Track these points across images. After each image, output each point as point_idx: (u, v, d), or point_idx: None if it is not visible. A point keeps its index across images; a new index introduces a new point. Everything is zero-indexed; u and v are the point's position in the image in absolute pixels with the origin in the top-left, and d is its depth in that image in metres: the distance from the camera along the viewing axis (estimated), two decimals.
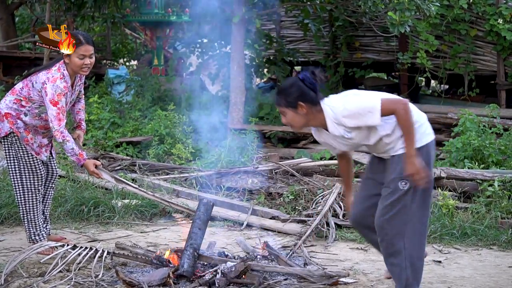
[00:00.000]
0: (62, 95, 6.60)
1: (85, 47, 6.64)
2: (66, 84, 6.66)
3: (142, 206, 8.94)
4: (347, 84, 18.60)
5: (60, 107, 6.58)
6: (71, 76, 6.75)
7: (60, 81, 6.65)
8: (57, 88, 6.61)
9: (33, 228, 6.94)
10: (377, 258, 7.18)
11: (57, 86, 6.62)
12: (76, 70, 6.69)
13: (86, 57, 6.65)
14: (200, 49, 17.00)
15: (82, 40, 6.65)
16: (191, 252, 6.16)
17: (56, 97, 6.59)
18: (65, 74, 6.69)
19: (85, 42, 6.65)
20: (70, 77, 6.73)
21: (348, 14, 15.22)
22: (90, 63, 6.69)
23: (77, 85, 6.94)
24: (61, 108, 6.59)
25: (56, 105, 6.58)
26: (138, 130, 13.12)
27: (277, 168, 10.36)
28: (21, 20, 26.96)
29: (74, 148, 6.61)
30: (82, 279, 6.07)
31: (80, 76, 6.95)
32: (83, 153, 6.67)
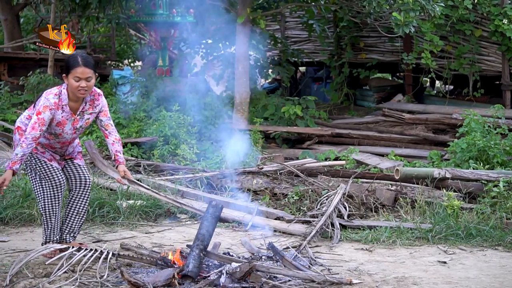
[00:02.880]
0: (48, 109, 6.52)
1: (82, 69, 6.53)
2: (57, 101, 6.58)
3: (147, 206, 8.94)
4: (351, 85, 18.62)
5: (40, 119, 6.49)
6: (71, 97, 6.66)
7: (53, 96, 6.61)
8: (46, 101, 6.57)
9: (47, 231, 6.93)
10: (382, 259, 7.19)
11: (48, 99, 6.58)
12: (73, 92, 6.58)
13: (82, 79, 6.53)
14: (204, 49, 17.01)
15: (79, 61, 6.55)
16: (197, 253, 6.16)
17: (42, 108, 6.54)
18: (63, 93, 6.62)
19: (82, 64, 6.54)
20: (70, 98, 6.65)
21: (352, 15, 15.21)
22: (86, 86, 6.56)
23: (85, 111, 6.80)
24: (41, 120, 6.49)
25: (38, 115, 6.52)
26: (143, 131, 13.13)
27: (282, 169, 10.36)
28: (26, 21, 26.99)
29: (17, 154, 6.47)
30: (87, 279, 6.07)
31: (92, 105, 6.83)
32: (15, 163, 6.45)
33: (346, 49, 18.41)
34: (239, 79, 14.34)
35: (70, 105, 6.65)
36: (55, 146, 6.83)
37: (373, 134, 14.54)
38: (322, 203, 8.81)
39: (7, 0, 21.81)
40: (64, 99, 6.60)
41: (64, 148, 6.93)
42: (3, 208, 8.35)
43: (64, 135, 6.75)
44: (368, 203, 9.19)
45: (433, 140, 13.89)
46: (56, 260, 6.24)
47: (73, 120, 6.71)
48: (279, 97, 16.42)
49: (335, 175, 10.35)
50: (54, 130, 6.68)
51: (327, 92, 19.35)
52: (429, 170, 9.87)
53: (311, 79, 21.15)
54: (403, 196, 9.18)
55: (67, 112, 6.64)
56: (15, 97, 16.30)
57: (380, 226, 8.23)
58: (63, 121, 6.65)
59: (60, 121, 6.63)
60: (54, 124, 6.63)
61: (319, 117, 15.59)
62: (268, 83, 22.38)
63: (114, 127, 7.01)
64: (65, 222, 7.07)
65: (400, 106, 16.22)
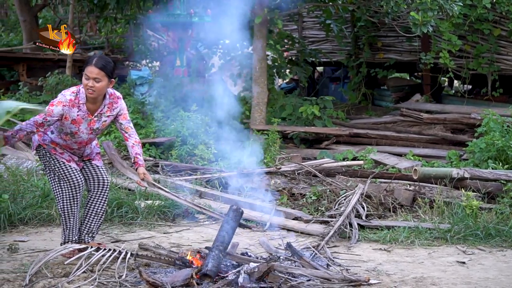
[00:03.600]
0: (61, 104, 6.54)
1: (91, 68, 6.54)
2: (74, 99, 6.61)
3: (165, 207, 8.96)
4: (369, 85, 18.58)
5: (49, 109, 6.52)
6: (89, 98, 6.67)
7: (70, 93, 6.64)
8: (62, 97, 6.62)
9: (66, 231, 6.96)
10: (400, 259, 7.17)
11: (64, 95, 6.63)
12: (84, 89, 6.63)
13: (90, 79, 6.55)
14: (222, 50, 17.02)
15: (92, 61, 6.58)
16: (217, 253, 6.17)
17: (56, 102, 6.58)
18: (81, 92, 6.65)
19: (93, 63, 6.55)
20: (87, 99, 6.67)
21: (370, 15, 15.17)
22: (94, 86, 6.55)
23: (103, 114, 6.81)
24: (49, 110, 6.51)
25: (50, 106, 6.55)
26: (161, 131, 13.16)
27: (300, 169, 10.36)
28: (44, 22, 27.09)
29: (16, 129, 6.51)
30: (105, 279, 6.09)
31: (110, 107, 6.84)
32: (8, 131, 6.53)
33: (364, 49, 18.37)
34: (256, 79, 14.34)
35: (87, 105, 6.67)
36: (73, 146, 6.85)
37: (391, 134, 14.49)
38: (340, 203, 8.80)
39: (26, 1, 21.92)
40: (81, 98, 6.63)
41: (81, 149, 6.95)
42: (22, 208, 8.39)
43: (80, 134, 6.76)
44: (386, 203, 9.17)
45: (451, 140, 13.83)
46: (75, 260, 6.27)
47: (89, 121, 6.73)
48: (297, 97, 16.40)
49: (353, 175, 10.34)
50: (70, 129, 6.69)
51: (345, 92, 19.32)
52: (448, 170, 9.83)
53: (329, 79, 21.12)
54: (421, 196, 9.16)
55: (84, 111, 6.66)
56: (34, 97, 16.38)
57: (398, 226, 8.22)
58: (78, 120, 6.66)
59: (75, 119, 6.64)
60: (69, 122, 6.64)
61: (337, 117, 15.57)
62: (286, 83, 22.37)
63: (134, 129, 7.03)
64: (83, 223, 7.10)
65: (418, 106, 16.17)
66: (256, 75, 14.33)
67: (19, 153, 11.62)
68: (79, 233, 7.06)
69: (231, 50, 16.88)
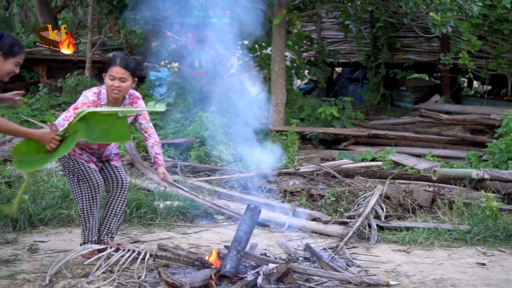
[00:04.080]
0: (85, 106, 6.52)
1: (116, 69, 6.56)
2: (96, 99, 6.63)
3: (184, 207, 8.97)
4: (388, 85, 18.54)
5: (72, 114, 6.44)
6: (110, 99, 6.69)
7: (92, 94, 6.66)
8: (84, 98, 6.63)
9: (86, 232, 6.98)
10: (419, 260, 7.14)
11: (86, 96, 6.64)
12: (108, 90, 6.63)
13: (116, 79, 6.56)
14: (240, 51, 17.04)
15: (116, 61, 6.61)
16: (235, 254, 6.17)
17: (79, 104, 6.58)
18: (102, 92, 6.67)
19: (118, 63, 6.58)
20: (109, 99, 6.69)
21: (389, 15, 15.14)
22: (119, 86, 6.58)
23: None
24: (73, 115, 6.44)
25: (74, 109, 6.50)
26: (180, 132, 13.18)
27: (318, 170, 10.34)
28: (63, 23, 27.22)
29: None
30: (125, 280, 6.10)
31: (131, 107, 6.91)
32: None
33: (383, 50, 18.34)
34: (275, 80, 14.35)
35: (108, 106, 6.69)
36: (93, 147, 6.87)
37: (410, 135, 14.46)
38: (359, 204, 8.78)
39: (45, 3, 22.02)
40: (103, 99, 6.65)
41: (101, 149, 6.96)
42: (42, 209, 8.43)
43: None
44: (406, 204, 9.14)
45: (471, 141, 13.78)
46: (94, 261, 6.28)
47: None
48: (316, 98, 16.40)
49: (372, 176, 10.32)
50: None
51: (364, 93, 19.30)
52: (467, 171, 9.80)
53: (348, 79, 21.11)
54: (440, 197, 9.13)
55: None
56: (54, 98, 16.47)
57: (417, 227, 8.19)
58: None
59: None
60: None
61: (355, 118, 15.55)
62: (305, 84, 22.37)
63: (153, 129, 7.04)
64: (103, 223, 7.12)
65: (437, 106, 16.12)
66: (275, 76, 14.34)
67: None
68: (98, 233, 7.08)
69: (249, 51, 16.91)
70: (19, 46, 6.16)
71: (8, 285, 5.99)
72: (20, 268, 6.50)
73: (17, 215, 7.98)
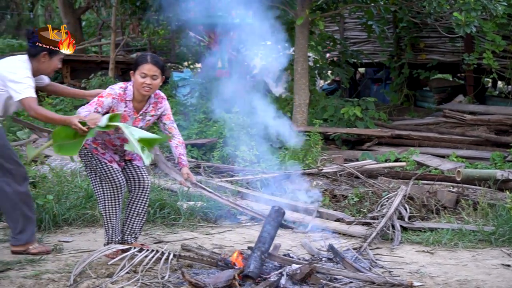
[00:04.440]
0: (111, 96, 6.59)
1: (149, 66, 6.61)
2: (122, 93, 6.67)
3: (207, 208, 8.98)
4: (411, 86, 18.47)
5: (100, 101, 6.56)
6: (136, 96, 6.73)
7: (118, 87, 6.69)
8: (111, 90, 6.67)
9: (109, 232, 7.01)
10: (443, 262, 7.11)
11: (113, 88, 6.69)
12: (138, 88, 6.65)
13: (148, 76, 6.60)
14: (263, 51, 17.03)
15: (147, 58, 6.65)
16: (259, 254, 6.17)
17: (105, 94, 6.63)
18: (128, 88, 6.71)
19: (150, 61, 6.63)
20: (134, 97, 6.72)
21: (412, 15, 15.09)
22: (151, 84, 6.62)
23: (147, 113, 6.87)
24: (100, 102, 6.56)
25: (99, 97, 6.60)
26: (203, 132, 13.20)
27: (342, 170, 10.33)
28: (87, 24, 27.40)
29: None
30: (148, 280, 6.12)
31: (154, 107, 6.89)
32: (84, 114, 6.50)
33: (406, 50, 18.28)
34: (298, 81, 14.34)
35: (133, 103, 6.72)
36: (115, 142, 6.89)
37: (433, 135, 14.40)
38: (383, 204, 8.76)
39: (69, 4, 22.16)
40: (129, 95, 6.68)
41: (123, 146, 6.99)
42: (66, 209, 8.47)
43: None
44: (429, 205, 9.10)
45: (495, 141, 13.71)
46: (118, 261, 6.31)
47: (134, 119, 6.77)
48: (339, 98, 16.38)
49: (395, 177, 10.29)
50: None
51: (387, 93, 19.24)
52: (492, 171, 9.75)
53: (371, 80, 21.06)
54: (465, 198, 9.08)
55: (130, 108, 6.71)
56: (77, 99, 16.52)
57: (441, 228, 8.15)
58: (124, 116, 6.70)
59: (122, 115, 6.68)
60: None
61: (378, 119, 15.51)
62: (327, 85, 22.34)
63: (177, 130, 7.06)
64: (126, 223, 7.14)
65: (461, 107, 16.05)
66: (298, 76, 14.33)
67: None
68: (122, 234, 7.11)
69: (272, 52, 16.90)
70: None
71: (33, 284, 6.03)
72: (45, 268, 6.54)
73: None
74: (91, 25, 27.71)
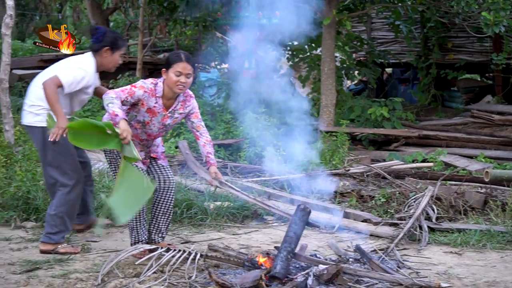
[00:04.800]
0: (143, 89, 6.62)
1: (184, 65, 6.65)
2: (153, 88, 6.71)
3: (234, 208, 9.00)
4: (439, 86, 18.38)
5: (131, 90, 6.56)
6: (165, 93, 6.76)
7: (150, 83, 6.73)
8: (143, 83, 6.71)
9: (134, 231, 7.04)
10: (471, 263, 7.07)
11: (145, 82, 6.72)
12: (171, 86, 6.68)
13: (183, 75, 6.64)
14: (290, 51, 17.03)
15: (182, 57, 6.69)
16: (285, 255, 6.17)
17: (138, 85, 6.66)
18: (159, 85, 6.75)
19: (184, 59, 6.67)
20: (164, 94, 6.76)
21: (440, 15, 15.02)
22: (185, 82, 6.67)
23: (176, 110, 6.90)
24: (131, 91, 6.56)
25: (132, 87, 6.61)
26: (230, 133, 13.22)
27: (369, 171, 10.30)
28: (115, 25, 27.51)
29: (113, 109, 6.35)
30: (175, 280, 6.13)
31: (183, 105, 6.93)
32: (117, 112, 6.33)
33: (434, 50, 18.19)
34: (325, 81, 14.32)
35: (163, 100, 6.76)
36: (142, 137, 6.91)
37: (461, 135, 14.32)
38: (410, 205, 8.72)
39: (97, 5, 22.27)
40: (159, 91, 6.71)
41: (149, 141, 7.00)
42: (94, 209, 8.51)
43: (152, 126, 6.82)
44: (457, 205, 9.05)
45: None
46: (145, 261, 6.34)
47: (163, 116, 6.81)
48: (366, 98, 16.33)
49: (422, 177, 10.25)
50: (143, 117, 6.75)
51: (414, 94, 19.16)
52: None
53: (398, 80, 20.98)
54: (493, 199, 9.02)
55: (160, 105, 6.74)
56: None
57: (469, 229, 8.10)
58: (153, 111, 6.74)
59: (151, 109, 6.72)
60: (145, 110, 6.71)
61: (406, 119, 15.45)
62: (354, 85, 22.28)
63: (205, 128, 7.08)
64: (152, 223, 7.17)
65: (489, 107, 15.95)
66: (325, 76, 14.31)
67: (90, 153, 11.80)
68: (148, 233, 7.14)
69: (299, 52, 16.89)
70: (122, 39, 7.23)
71: (62, 284, 6.07)
72: (73, 268, 6.59)
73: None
74: (118, 26, 27.81)
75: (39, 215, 8.45)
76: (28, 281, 6.15)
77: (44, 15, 34.91)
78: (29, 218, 8.48)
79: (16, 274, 6.37)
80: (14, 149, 10.62)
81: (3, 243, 7.57)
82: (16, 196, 8.75)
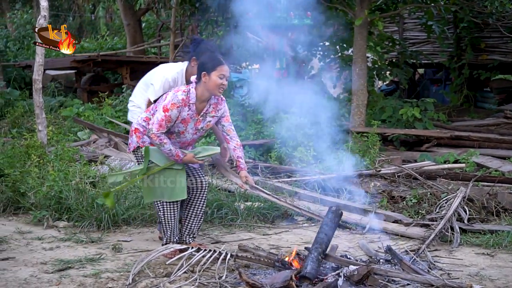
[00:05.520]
0: (175, 106, 6.66)
1: (226, 67, 6.71)
2: (185, 98, 6.72)
3: (264, 208, 9.00)
4: (471, 86, 18.25)
5: (167, 116, 6.64)
6: (199, 97, 6.79)
7: (181, 93, 6.74)
8: (175, 98, 6.70)
9: (167, 232, 7.07)
10: (504, 264, 7.01)
11: (176, 96, 6.71)
12: (212, 89, 6.70)
13: (225, 77, 6.71)
14: (321, 52, 17.00)
15: (222, 60, 6.74)
16: (316, 255, 6.16)
17: (170, 105, 6.67)
18: (191, 92, 6.76)
19: (224, 62, 6.73)
20: (197, 98, 6.79)
21: (473, 15, 14.91)
22: (225, 84, 6.74)
23: (208, 114, 6.92)
24: (167, 118, 6.64)
25: (165, 112, 6.65)
26: (260, 133, 13.22)
27: (400, 172, 10.25)
28: (147, 25, 27.64)
29: (171, 149, 6.69)
30: (206, 280, 6.15)
31: (215, 108, 6.94)
32: (179, 153, 6.76)
33: (466, 50, 18.07)
34: (356, 81, 14.27)
35: (196, 104, 6.78)
36: (176, 146, 6.95)
37: (494, 136, 14.19)
38: (441, 206, 8.67)
39: (130, 6, 22.40)
40: (192, 98, 6.73)
41: (183, 149, 7.03)
42: (125, 209, 8.57)
43: (186, 134, 6.87)
44: (489, 207, 8.98)
45: None
46: (176, 261, 6.36)
47: (196, 120, 6.83)
48: (397, 99, 16.25)
49: (454, 178, 10.17)
50: (177, 128, 6.80)
51: (446, 94, 19.05)
52: None
53: (430, 81, 20.87)
54: None
55: (193, 110, 6.77)
56: None
57: (502, 231, 8.03)
58: (187, 119, 6.77)
59: (185, 119, 6.75)
60: (179, 121, 6.76)
61: (438, 119, 15.35)
62: (386, 85, 22.19)
63: (235, 132, 7.09)
64: (184, 224, 7.19)
65: None
66: (356, 77, 14.25)
67: (122, 154, 11.87)
68: (180, 234, 7.16)
69: (330, 52, 16.85)
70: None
71: (93, 283, 6.11)
72: (104, 267, 6.63)
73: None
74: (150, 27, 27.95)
75: (71, 215, 8.53)
76: (60, 280, 6.20)
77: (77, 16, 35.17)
78: (61, 218, 8.56)
79: (48, 273, 6.43)
80: (47, 149, 10.71)
81: (35, 242, 7.65)
82: (48, 196, 8.83)
